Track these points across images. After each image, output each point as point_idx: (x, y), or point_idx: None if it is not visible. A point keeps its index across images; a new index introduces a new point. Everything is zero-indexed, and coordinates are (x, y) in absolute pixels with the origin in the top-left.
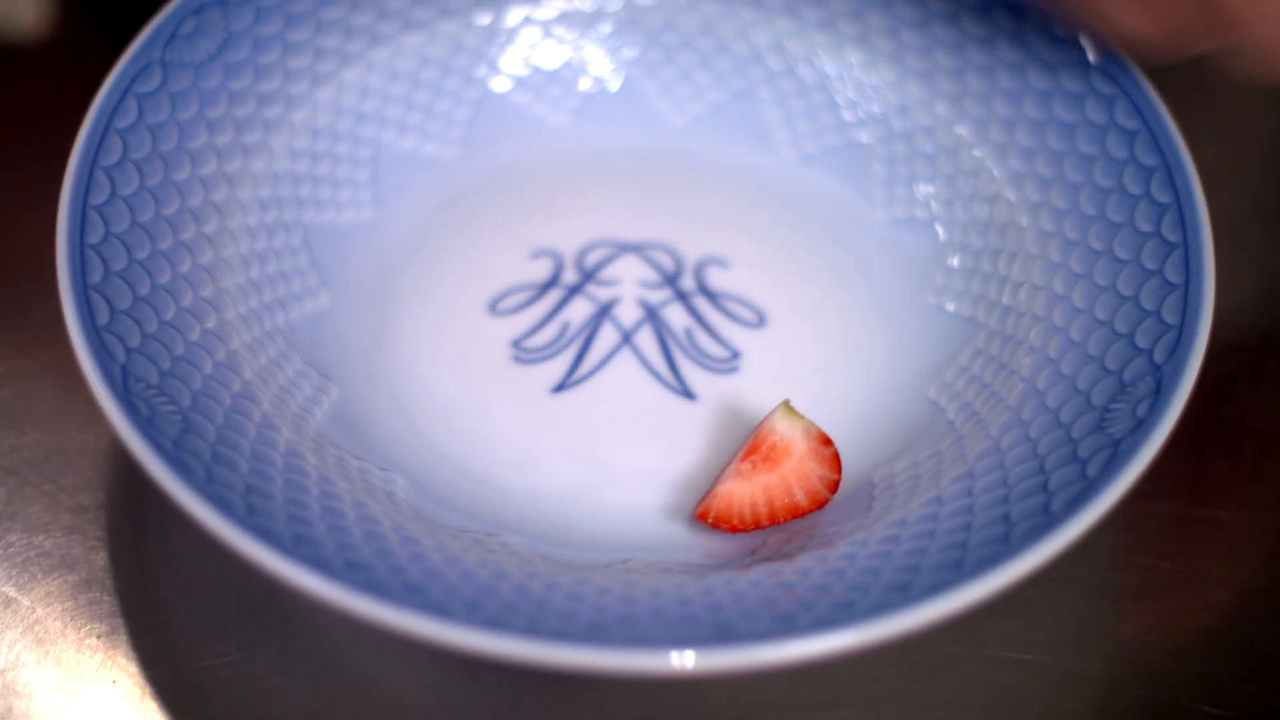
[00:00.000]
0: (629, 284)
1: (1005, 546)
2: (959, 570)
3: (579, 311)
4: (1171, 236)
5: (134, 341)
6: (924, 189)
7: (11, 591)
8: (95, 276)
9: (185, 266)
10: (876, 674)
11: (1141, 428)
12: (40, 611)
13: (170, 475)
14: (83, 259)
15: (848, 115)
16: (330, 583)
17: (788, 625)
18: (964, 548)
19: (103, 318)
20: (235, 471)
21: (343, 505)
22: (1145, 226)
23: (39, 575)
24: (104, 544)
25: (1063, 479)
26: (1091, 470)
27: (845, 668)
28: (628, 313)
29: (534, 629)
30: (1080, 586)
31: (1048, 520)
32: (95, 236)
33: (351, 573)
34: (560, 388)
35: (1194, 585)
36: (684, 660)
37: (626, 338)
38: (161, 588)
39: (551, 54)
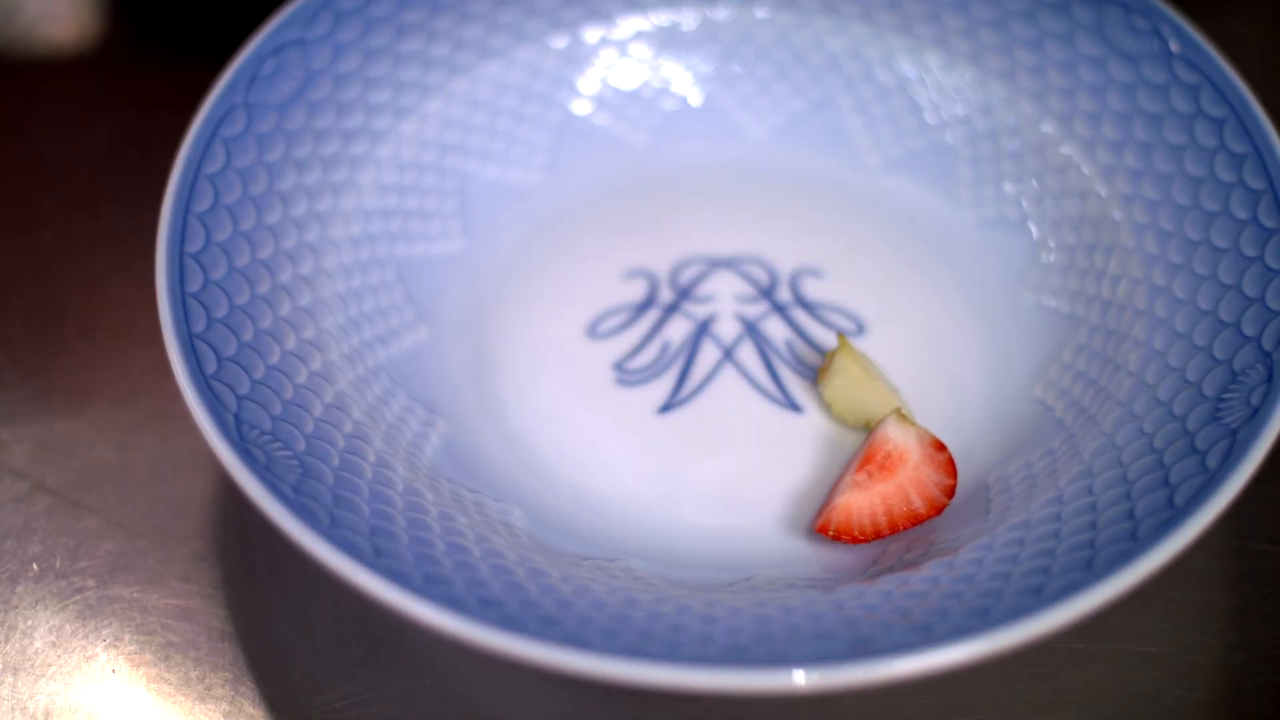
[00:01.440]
0: (725, 299)
1: (1134, 543)
2: (1090, 570)
3: (678, 330)
4: (1269, 222)
5: (243, 388)
6: (1012, 187)
7: (133, 647)
8: (199, 325)
9: (285, 309)
10: (1006, 675)
11: (1258, 416)
12: (162, 665)
13: (295, 522)
14: (185, 308)
15: (930, 117)
16: (465, 621)
17: (925, 636)
18: (1092, 546)
19: (210, 366)
20: (358, 514)
21: (466, 541)
22: (1241, 214)
23: (158, 628)
24: (221, 591)
25: (1183, 472)
26: (1211, 461)
27: (973, 671)
28: (726, 328)
29: (673, 654)
30: (1197, 577)
31: (1173, 514)
32: (195, 285)
33: (485, 609)
34: (666, 408)
35: None
36: (826, 677)
37: (728, 354)
38: (283, 630)
39: (630, 74)
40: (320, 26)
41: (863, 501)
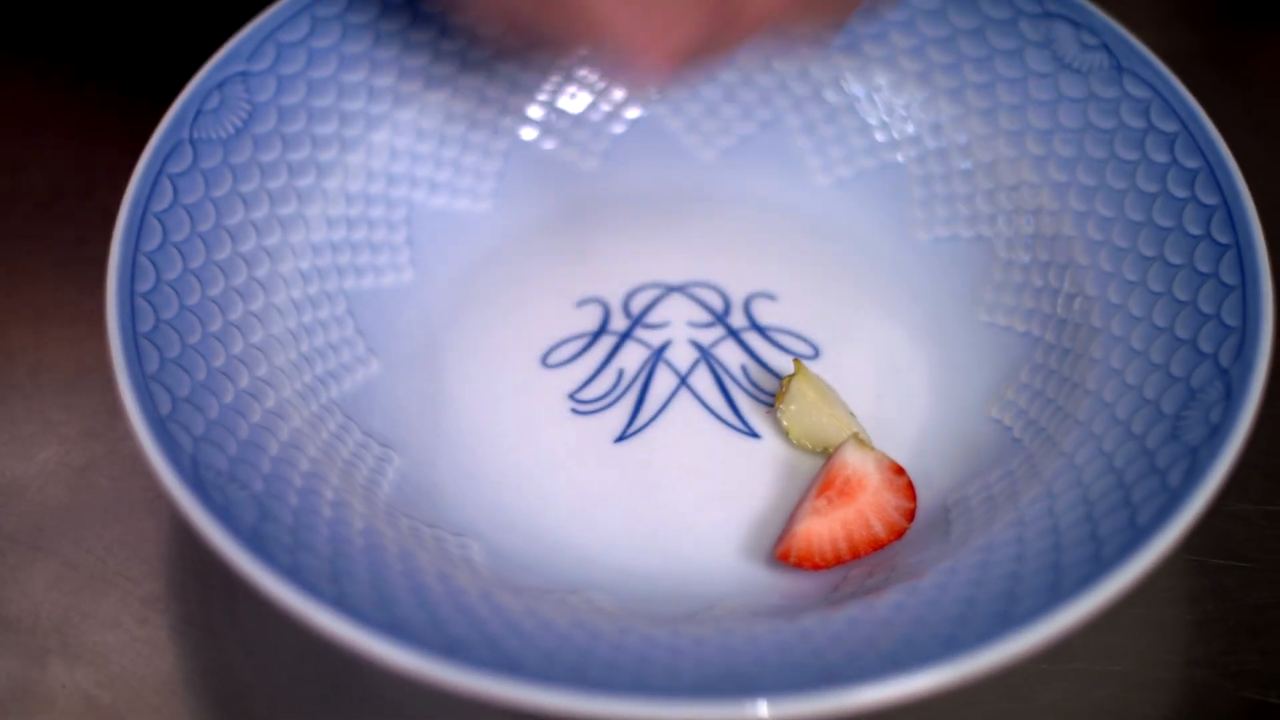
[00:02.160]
0: (679, 325)
1: (1098, 565)
2: (1056, 593)
3: (632, 357)
4: (1222, 238)
5: (199, 429)
6: (964, 206)
7: (93, 689)
8: (152, 365)
9: (238, 347)
10: (972, 698)
11: (1217, 433)
12: (123, 708)
13: (255, 564)
14: (137, 348)
15: (879, 136)
16: (427, 660)
17: (893, 664)
18: (1056, 569)
19: (165, 407)
20: (317, 555)
21: (427, 579)
22: (1195, 229)
23: (119, 671)
24: (179, 633)
25: (1145, 491)
26: (1173, 480)
27: (939, 694)
28: (681, 354)
29: (640, 686)
30: (1160, 593)
31: (1136, 534)
32: (146, 325)
33: (448, 648)
34: (622, 437)
35: (1272, 582)
36: (795, 707)
37: (683, 380)
38: (242, 674)
39: (576, 99)
40: (264, 59)
41: (823, 528)
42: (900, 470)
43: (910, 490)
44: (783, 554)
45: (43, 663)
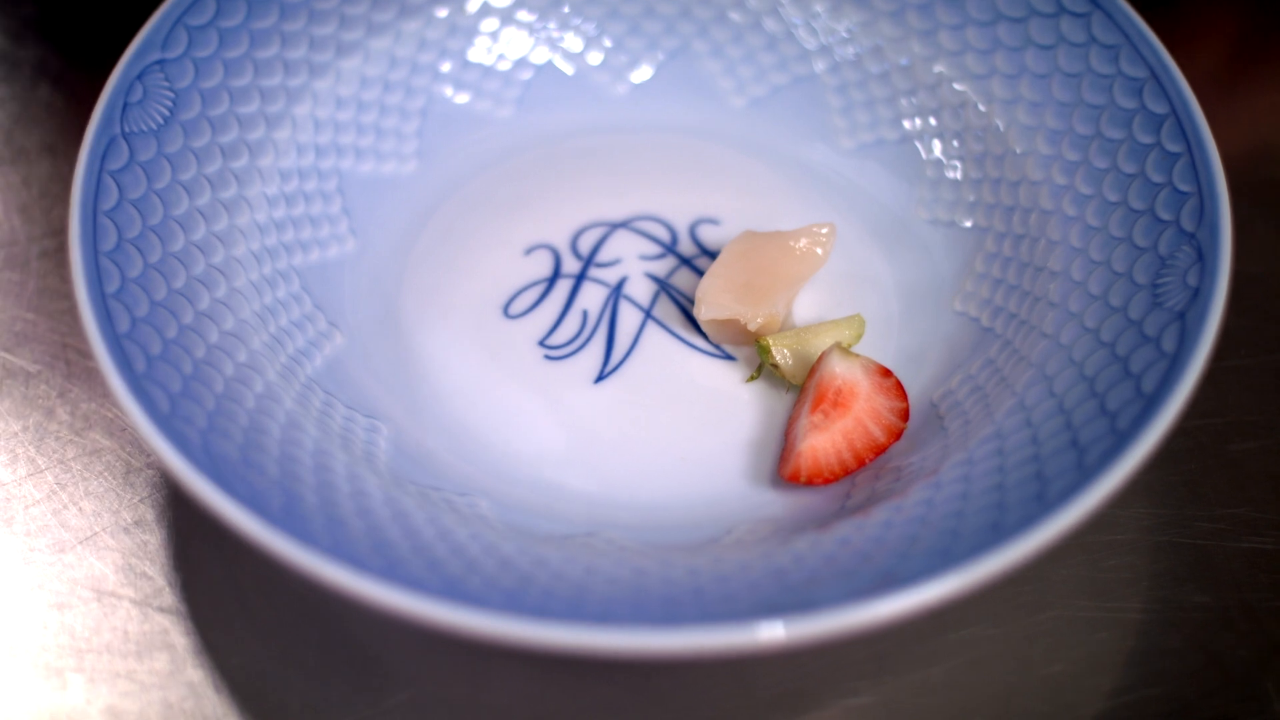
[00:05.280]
0: (631, 260)
1: (1114, 436)
2: (1082, 467)
3: (593, 298)
4: (1157, 108)
5: (201, 422)
6: (885, 110)
7: (119, 701)
8: (139, 365)
9: (214, 336)
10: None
11: (1200, 295)
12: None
13: (305, 552)
14: (122, 349)
15: (788, 51)
16: (419, 599)
17: (949, 557)
18: (1076, 446)
19: (164, 405)
20: (351, 530)
21: (460, 538)
22: (1127, 103)
23: (142, 684)
24: (198, 638)
25: (1143, 360)
26: (1166, 345)
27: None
28: (640, 288)
29: (640, 617)
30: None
31: (1146, 403)
32: (124, 326)
33: (512, 602)
34: (601, 377)
35: (1256, 426)
36: (801, 628)
37: (647, 313)
38: (268, 665)
39: (482, 48)
40: (176, 46)
41: (825, 442)
42: (887, 372)
43: (900, 390)
44: (791, 474)
45: (63, 682)
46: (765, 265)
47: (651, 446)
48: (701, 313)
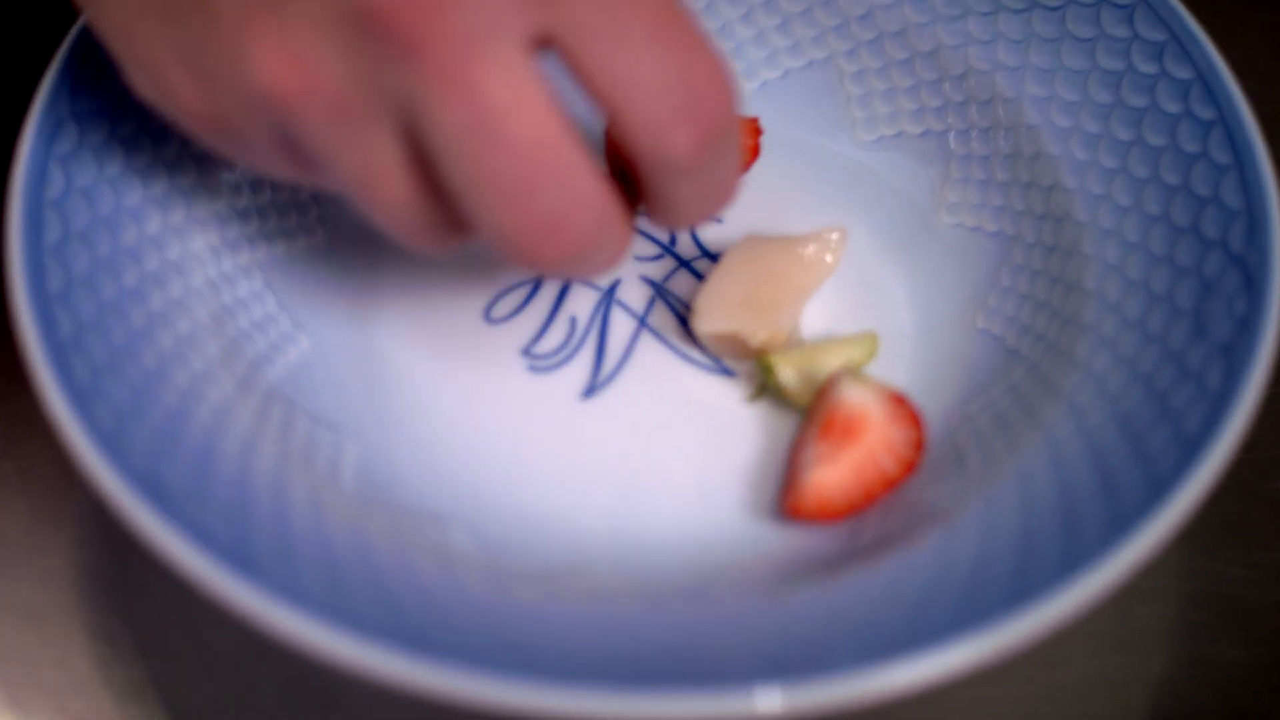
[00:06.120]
0: (626, 261)
1: (1155, 483)
2: (1118, 519)
3: (582, 303)
4: (1204, 113)
5: (143, 443)
6: (907, 101)
7: None
8: (84, 378)
9: (167, 341)
10: None
11: (1248, 326)
12: None
13: (244, 589)
14: (65, 358)
15: (803, 31)
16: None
17: (962, 620)
18: (1110, 492)
19: (107, 424)
20: (310, 565)
21: (427, 580)
22: (1171, 107)
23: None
24: (134, 665)
25: (1184, 397)
26: (1211, 382)
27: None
28: (633, 293)
29: (618, 675)
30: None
31: (1187, 445)
32: (66, 329)
33: (482, 658)
34: (590, 391)
35: None
36: (803, 695)
37: (641, 321)
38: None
39: None
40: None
41: (832, 477)
42: (902, 399)
43: (916, 419)
44: (793, 509)
45: None
46: (770, 274)
47: (642, 473)
48: (700, 326)
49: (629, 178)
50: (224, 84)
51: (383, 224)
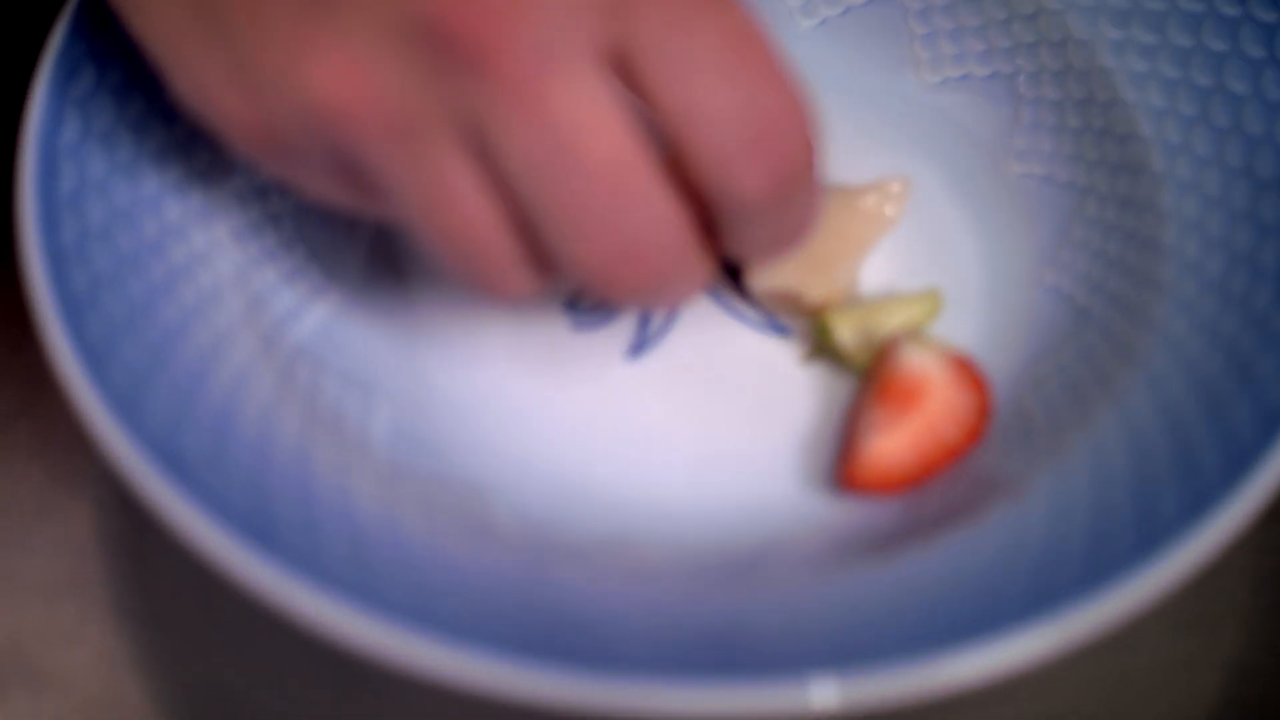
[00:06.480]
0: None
1: (1238, 459)
2: (1199, 496)
3: None
4: None
5: (161, 414)
6: (975, 41)
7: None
8: (93, 333)
9: (190, 296)
10: None
11: None
12: None
13: (276, 577)
14: (80, 322)
15: None
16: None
17: (972, 627)
18: (1190, 469)
19: (123, 385)
20: (336, 543)
21: (457, 553)
22: (1256, 51)
23: (92, 696)
24: (154, 644)
25: (1271, 366)
26: None
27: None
28: None
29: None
30: None
31: (1271, 416)
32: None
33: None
34: (637, 349)
35: None
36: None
37: None
38: (233, 684)
39: None
40: None
41: (891, 446)
42: (967, 363)
43: (981, 384)
44: (849, 480)
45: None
46: (828, 227)
47: (691, 438)
48: (753, 281)
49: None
50: (278, 100)
51: (454, 259)
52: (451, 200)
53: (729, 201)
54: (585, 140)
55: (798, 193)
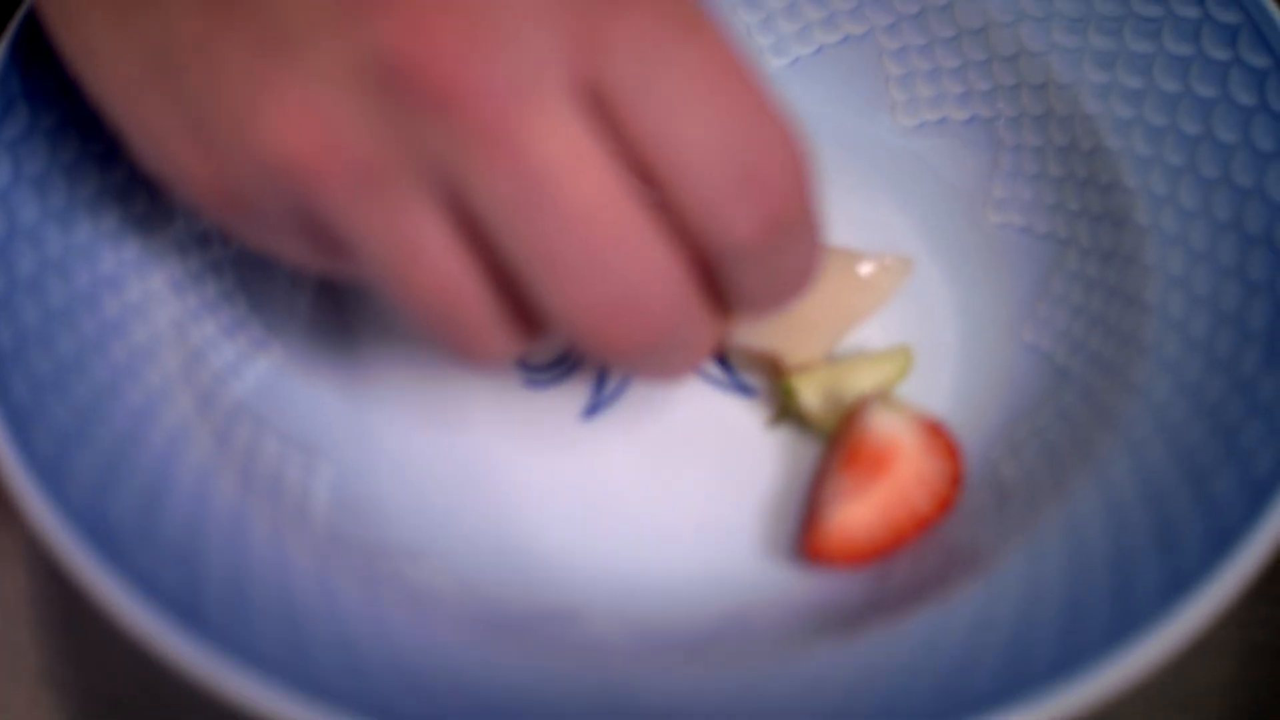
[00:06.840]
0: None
1: (1218, 536)
2: (1178, 575)
3: None
4: None
5: (91, 477)
6: (953, 83)
7: None
8: (23, 396)
9: (121, 354)
10: None
11: None
12: None
13: (192, 648)
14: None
15: (840, 2)
16: None
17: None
18: (1168, 546)
19: (48, 450)
20: (266, 618)
21: (398, 623)
22: (1245, 98)
23: None
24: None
25: (1254, 436)
26: None
27: None
28: None
29: None
30: None
31: (1256, 492)
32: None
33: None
34: (592, 410)
35: None
36: None
37: None
38: None
39: None
40: None
41: (858, 515)
42: (939, 428)
43: (953, 450)
44: (813, 551)
45: None
46: (820, 289)
47: (647, 504)
48: (733, 337)
49: None
50: (234, 153)
51: (428, 321)
52: (423, 256)
53: (717, 247)
54: (565, 180)
55: (793, 237)
